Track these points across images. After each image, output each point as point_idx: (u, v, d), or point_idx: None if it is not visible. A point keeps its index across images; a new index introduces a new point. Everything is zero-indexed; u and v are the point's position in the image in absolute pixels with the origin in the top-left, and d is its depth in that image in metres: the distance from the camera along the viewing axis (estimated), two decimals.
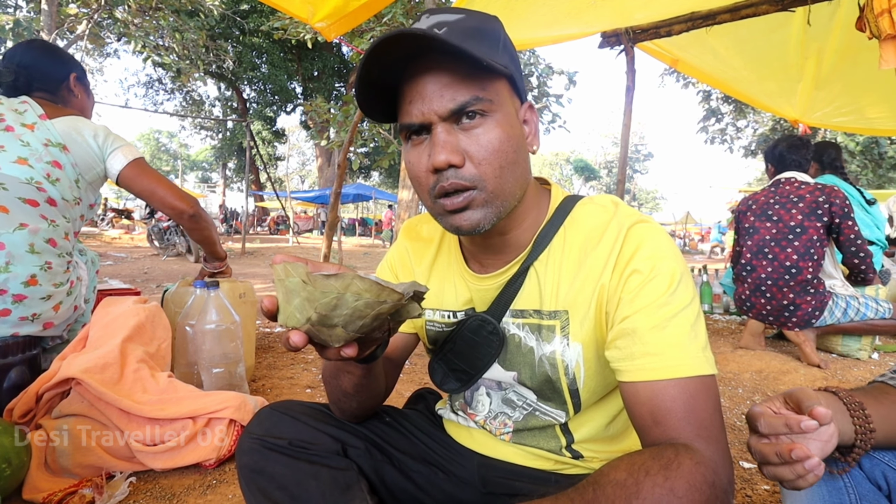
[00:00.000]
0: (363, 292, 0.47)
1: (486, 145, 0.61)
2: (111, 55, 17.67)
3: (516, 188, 0.65)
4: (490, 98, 0.61)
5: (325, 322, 0.48)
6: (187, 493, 1.20)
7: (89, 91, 1.73)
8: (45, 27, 9.98)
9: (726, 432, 0.58)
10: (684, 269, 0.63)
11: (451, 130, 0.61)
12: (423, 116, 0.61)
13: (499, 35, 0.65)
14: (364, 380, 0.71)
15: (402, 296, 0.49)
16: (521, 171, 0.65)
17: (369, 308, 0.48)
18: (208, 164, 40.61)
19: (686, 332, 0.58)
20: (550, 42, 3.72)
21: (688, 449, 0.52)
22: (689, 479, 0.47)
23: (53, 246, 1.44)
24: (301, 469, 0.70)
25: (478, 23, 0.63)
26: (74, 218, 1.55)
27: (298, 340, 0.49)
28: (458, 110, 0.60)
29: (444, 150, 0.60)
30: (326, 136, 10.56)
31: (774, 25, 3.15)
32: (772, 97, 4.50)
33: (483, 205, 0.63)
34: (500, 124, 0.62)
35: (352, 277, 0.46)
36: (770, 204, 2.54)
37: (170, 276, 6.32)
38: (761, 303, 2.56)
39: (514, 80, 0.65)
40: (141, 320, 1.49)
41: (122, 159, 1.57)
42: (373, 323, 0.50)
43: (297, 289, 0.47)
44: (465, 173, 0.61)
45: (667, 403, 0.56)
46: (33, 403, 1.28)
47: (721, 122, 18.87)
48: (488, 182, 0.62)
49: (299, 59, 18.78)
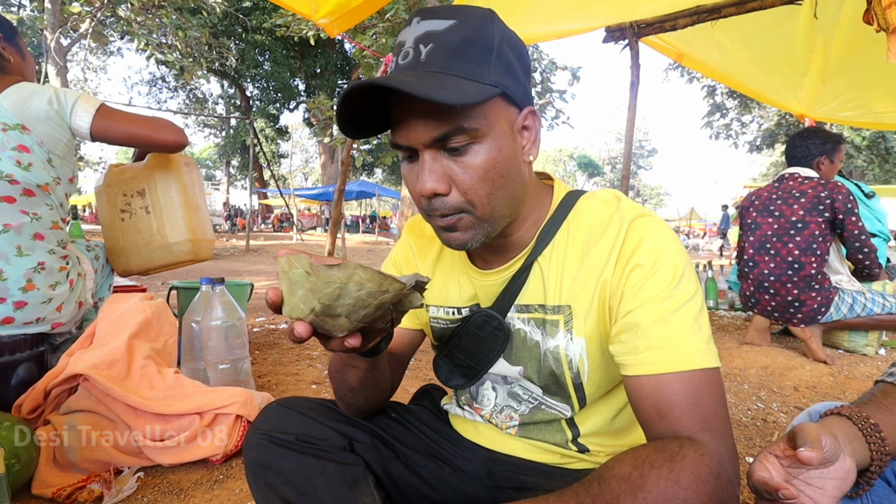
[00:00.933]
0: (366, 282, 0.48)
1: (473, 173, 0.60)
2: (114, 53, 17.74)
3: (507, 208, 0.64)
4: (475, 126, 0.58)
5: (328, 312, 0.49)
6: (195, 488, 1.21)
7: (24, 51, 1.54)
8: (49, 25, 10.00)
9: (731, 426, 0.57)
10: (687, 263, 0.62)
11: (438, 157, 0.60)
12: (408, 142, 0.60)
13: (491, 43, 0.60)
14: (369, 374, 0.71)
15: (403, 285, 0.50)
16: (513, 189, 0.64)
17: (372, 297, 0.49)
18: (212, 162, 40.65)
19: (689, 325, 0.58)
20: (554, 37, 3.70)
21: (692, 441, 0.52)
22: (693, 470, 0.47)
23: (41, 240, 1.39)
24: (308, 464, 0.70)
25: (468, 32, 0.59)
26: (57, 204, 1.46)
27: (303, 331, 0.49)
28: (441, 138, 0.58)
29: (430, 179, 0.59)
30: (330, 134, 10.57)
31: (781, 19, 3.13)
32: (778, 91, 4.46)
33: (471, 226, 0.63)
34: (488, 149, 0.60)
35: (354, 267, 0.47)
36: (772, 199, 2.53)
37: (175, 273, 6.34)
38: (765, 299, 2.55)
39: (508, 93, 0.61)
40: (147, 317, 1.50)
41: (86, 114, 1.43)
42: (376, 312, 0.51)
43: (301, 280, 0.48)
44: (451, 201, 0.61)
45: (671, 397, 0.56)
46: (41, 399, 1.29)
47: (726, 117, 18.77)
48: (476, 208, 0.61)
49: (302, 56, 18.75)
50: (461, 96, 0.54)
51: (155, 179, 1.76)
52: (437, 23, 0.59)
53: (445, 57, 0.58)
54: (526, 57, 0.65)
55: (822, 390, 2.07)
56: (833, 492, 0.54)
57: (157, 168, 1.77)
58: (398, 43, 0.62)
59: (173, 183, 1.76)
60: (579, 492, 0.49)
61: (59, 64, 10.23)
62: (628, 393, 0.61)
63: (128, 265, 1.80)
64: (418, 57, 0.59)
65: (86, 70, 16.42)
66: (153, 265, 1.80)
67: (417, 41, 0.59)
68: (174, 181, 1.76)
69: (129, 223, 1.77)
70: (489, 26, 0.60)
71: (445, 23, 0.59)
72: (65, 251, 1.48)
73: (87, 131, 1.44)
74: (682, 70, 16.88)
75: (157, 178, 1.76)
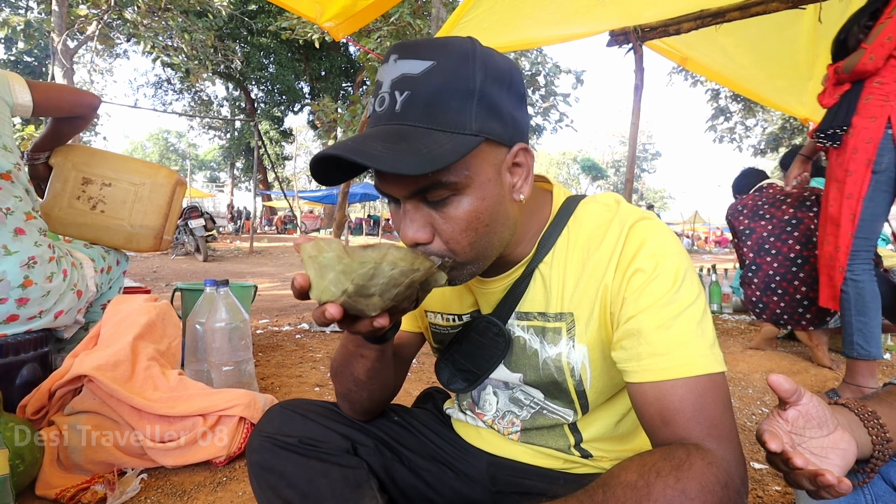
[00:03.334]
0: (399, 261, 0.50)
1: (455, 224, 0.58)
2: (121, 56, 17.84)
3: (494, 249, 0.64)
4: (454, 180, 0.56)
5: (362, 292, 0.50)
6: (198, 489, 1.21)
7: None
8: (56, 28, 10.07)
9: (738, 431, 0.57)
10: (688, 266, 0.62)
11: (419, 206, 0.59)
12: (389, 192, 0.60)
13: (472, 85, 0.55)
14: (378, 363, 0.72)
15: (433, 264, 0.54)
16: (499, 233, 0.63)
17: (404, 276, 0.51)
18: (216, 164, 40.85)
19: (692, 330, 0.58)
20: (558, 41, 3.71)
21: (699, 449, 0.51)
22: (700, 479, 0.47)
23: (23, 234, 1.38)
24: (311, 467, 0.70)
25: (446, 77, 0.55)
26: (24, 191, 1.43)
27: (335, 312, 0.50)
28: (420, 192, 0.57)
29: (411, 229, 0.59)
30: (334, 136, 10.59)
31: (785, 23, 3.12)
32: (782, 95, 4.45)
33: (456, 268, 0.62)
34: (471, 200, 0.58)
35: (388, 247, 0.50)
36: (759, 206, 2.55)
37: (179, 275, 6.37)
38: (774, 301, 2.51)
39: (493, 137, 0.57)
40: (151, 318, 1.51)
41: (23, 89, 1.43)
42: (406, 291, 0.53)
43: (332, 263, 0.49)
44: (434, 248, 0.60)
45: (675, 403, 0.55)
46: (46, 400, 1.30)
47: (730, 120, 18.72)
48: (459, 255, 0.60)
49: (307, 58, 18.83)
50: (433, 160, 0.51)
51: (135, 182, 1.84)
52: (414, 64, 0.55)
53: (421, 108, 0.55)
54: (518, 85, 0.61)
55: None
56: (838, 461, 0.55)
57: (143, 173, 1.86)
58: (377, 82, 0.60)
59: (157, 190, 1.86)
60: (583, 499, 0.48)
61: (65, 66, 10.30)
62: (632, 399, 0.61)
63: (55, 229, 1.79)
64: (393, 106, 0.56)
65: (92, 72, 16.54)
66: (84, 236, 1.83)
67: (393, 86, 0.56)
68: (161, 190, 1.86)
69: (82, 205, 1.80)
70: (469, 66, 0.56)
71: (423, 64, 0.55)
72: (47, 239, 1.47)
73: (29, 106, 1.44)
74: (686, 74, 16.85)
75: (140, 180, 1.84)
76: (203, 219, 8.77)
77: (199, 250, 8.75)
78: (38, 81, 1.53)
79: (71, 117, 1.63)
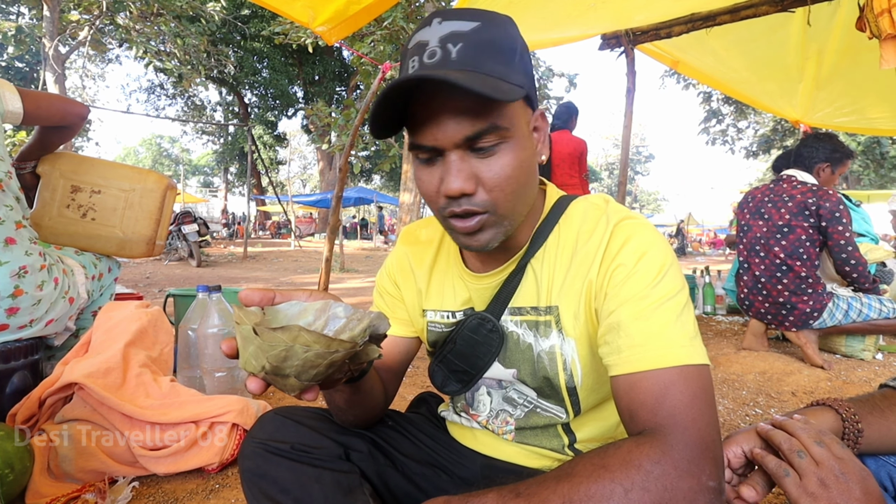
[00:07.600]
0: (312, 343, 0.46)
1: (499, 173, 0.60)
2: (113, 61, 17.80)
3: (525, 207, 0.66)
4: (506, 125, 0.59)
5: (278, 372, 0.47)
6: (190, 497, 1.20)
7: None
8: (47, 33, 10.03)
9: (714, 423, 0.53)
10: (672, 262, 0.62)
11: (465, 157, 0.59)
12: (435, 141, 0.59)
13: (515, 46, 0.61)
14: (354, 396, 0.70)
15: (354, 344, 0.49)
16: (532, 188, 0.65)
17: (320, 358, 0.47)
18: (210, 169, 40.66)
19: (671, 322, 0.57)
20: (551, 44, 3.72)
21: (652, 442, 0.50)
22: (643, 474, 0.47)
23: (14, 244, 1.36)
24: (304, 473, 0.70)
25: (494, 33, 0.59)
26: (14, 200, 1.42)
27: (255, 388, 0.49)
28: (474, 137, 0.58)
29: (458, 179, 0.59)
30: (328, 140, 10.59)
31: (775, 26, 3.15)
32: (773, 98, 4.49)
33: (493, 226, 0.63)
34: (514, 150, 0.60)
35: (298, 329, 0.46)
36: (764, 202, 2.55)
37: (172, 281, 6.34)
38: (759, 300, 2.57)
39: (530, 94, 0.63)
40: (143, 325, 1.49)
41: (14, 97, 1.42)
42: (328, 371, 0.49)
43: (250, 336, 0.47)
44: (478, 200, 0.61)
45: (640, 396, 0.55)
46: (36, 408, 1.28)
47: (722, 123, 18.90)
48: (499, 207, 0.61)
49: (300, 63, 18.84)
50: (503, 93, 0.55)
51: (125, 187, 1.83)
52: (461, 24, 0.59)
53: (477, 55, 0.57)
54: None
55: (819, 395, 2.07)
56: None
57: (134, 179, 1.85)
58: (418, 43, 0.60)
59: (147, 196, 1.85)
60: (518, 484, 0.52)
61: (57, 71, 10.25)
62: (613, 396, 0.60)
63: (46, 238, 1.77)
64: (448, 55, 0.57)
65: (84, 77, 16.46)
66: (76, 245, 1.81)
67: (444, 40, 0.58)
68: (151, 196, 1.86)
69: (72, 213, 1.79)
70: (511, 28, 0.62)
71: (470, 24, 0.59)
72: (38, 247, 1.46)
73: (20, 113, 1.43)
74: (679, 77, 16.99)
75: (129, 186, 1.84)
76: (196, 224, 8.72)
77: (192, 255, 8.69)
78: (29, 90, 1.52)
79: (60, 126, 1.62)
